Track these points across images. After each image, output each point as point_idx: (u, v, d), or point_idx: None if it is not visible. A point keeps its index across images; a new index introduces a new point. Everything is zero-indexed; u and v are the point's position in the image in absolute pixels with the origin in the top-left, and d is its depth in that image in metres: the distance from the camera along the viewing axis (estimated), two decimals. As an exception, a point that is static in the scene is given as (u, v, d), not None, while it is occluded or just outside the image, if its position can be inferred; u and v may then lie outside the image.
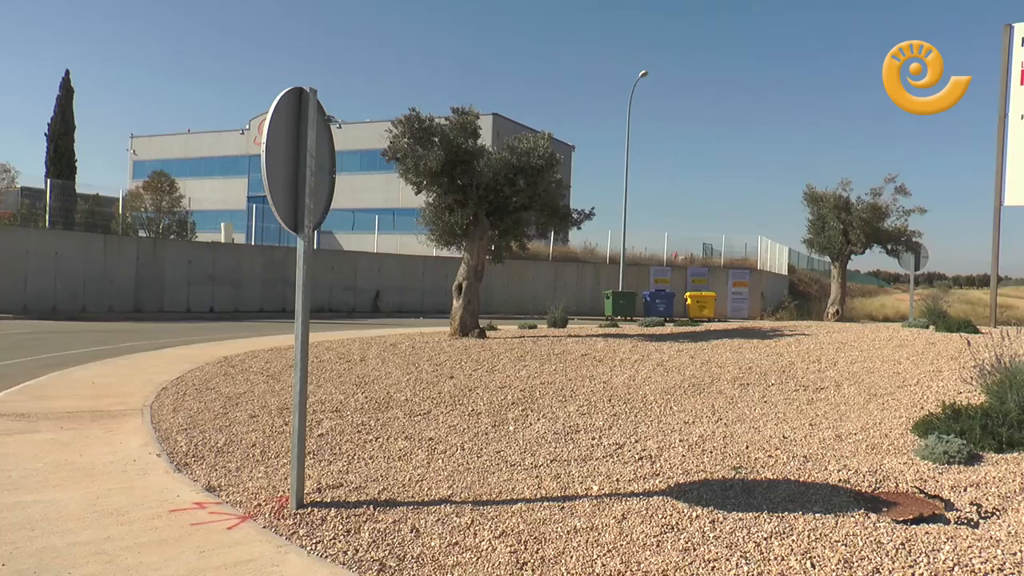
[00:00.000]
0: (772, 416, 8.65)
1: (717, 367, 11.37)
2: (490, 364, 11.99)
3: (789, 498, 5.65)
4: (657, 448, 7.24)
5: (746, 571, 4.32)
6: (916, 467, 6.60)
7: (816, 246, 25.61)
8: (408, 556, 4.56)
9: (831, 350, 12.60)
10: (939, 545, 4.73)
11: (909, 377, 10.55)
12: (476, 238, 15.95)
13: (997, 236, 18.58)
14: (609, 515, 5.26)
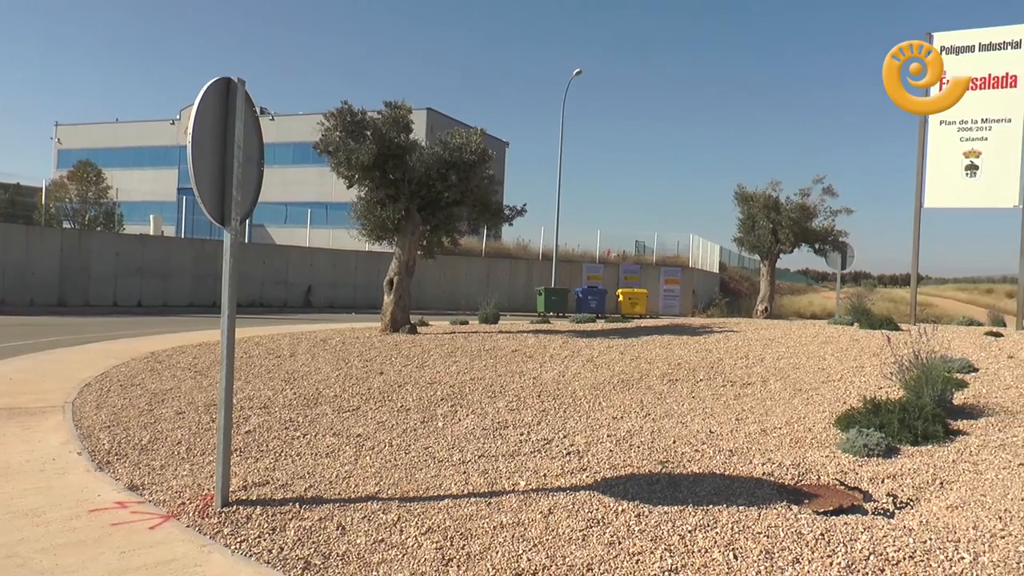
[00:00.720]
0: (700, 411, 8.83)
1: (647, 363, 11.54)
2: (420, 360, 11.97)
3: (714, 491, 5.78)
4: (585, 443, 7.33)
5: (670, 564, 4.40)
6: (837, 460, 6.82)
7: (746, 245, 26.13)
8: (334, 554, 4.54)
9: (759, 347, 12.90)
10: (856, 535, 4.90)
11: (833, 373, 10.86)
12: (408, 233, 15.90)
13: (917, 237, 19.26)
14: (536, 510, 5.31)
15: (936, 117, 18.60)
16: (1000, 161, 18.07)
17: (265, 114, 53.75)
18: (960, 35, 18.61)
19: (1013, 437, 7.65)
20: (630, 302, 31.74)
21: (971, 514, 5.42)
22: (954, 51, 18.48)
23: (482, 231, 21.90)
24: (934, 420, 7.71)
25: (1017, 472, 6.53)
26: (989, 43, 18.30)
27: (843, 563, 4.46)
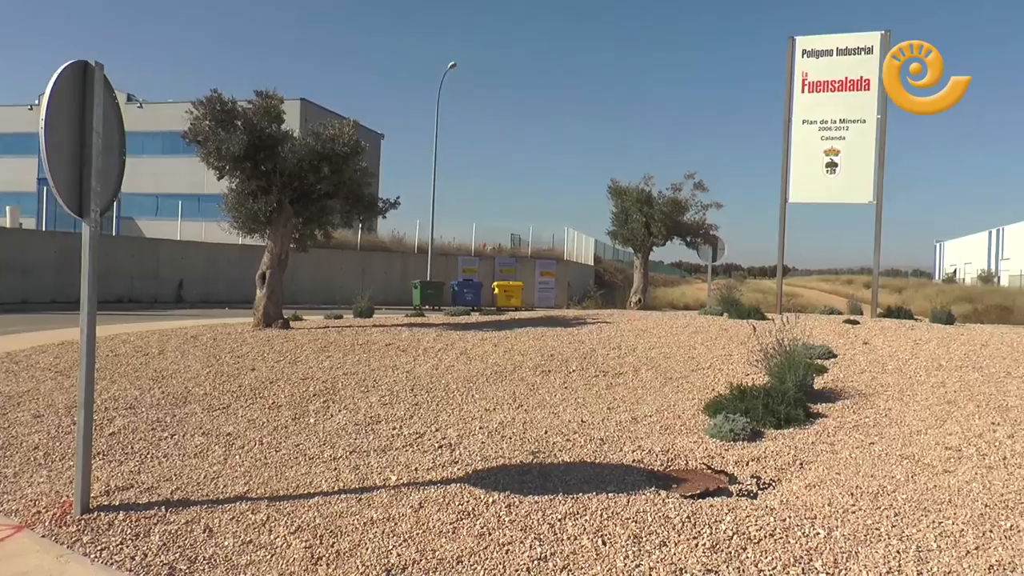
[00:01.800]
0: (572, 401, 8.96)
1: (520, 355, 11.64)
2: (293, 355, 11.73)
3: (585, 480, 5.88)
4: (457, 436, 7.33)
5: (539, 552, 4.45)
6: (705, 445, 7.05)
7: (620, 238, 26.64)
8: (200, 558, 4.40)
9: (631, 337, 13.20)
10: (721, 516, 5.08)
11: (703, 361, 11.22)
12: (280, 226, 15.54)
13: (783, 230, 20.19)
14: (406, 505, 5.28)
15: (799, 117, 19.50)
16: (857, 159, 19.08)
17: (132, 101, 51.48)
18: (819, 40, 19.58)
19: (865, 418, 8.11)
20: (505, 295, 31.95)
21: (827, 492, 5.71)
22: (814, 55, 19.43)
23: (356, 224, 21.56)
24: (796, 404, 8.10)
25: (868, 451, 6.92)
26: (845, 48, 19.30)
27: (708, 544, 4.61)
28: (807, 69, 19.43)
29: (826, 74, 19.29)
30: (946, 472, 6.31)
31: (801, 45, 19.51)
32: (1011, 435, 7.47)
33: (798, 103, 19.46)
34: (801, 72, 19.48)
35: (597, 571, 4.23)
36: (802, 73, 19.48)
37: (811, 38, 19.59)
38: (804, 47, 19.48)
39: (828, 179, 19.31)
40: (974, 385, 9.66)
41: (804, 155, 19.46)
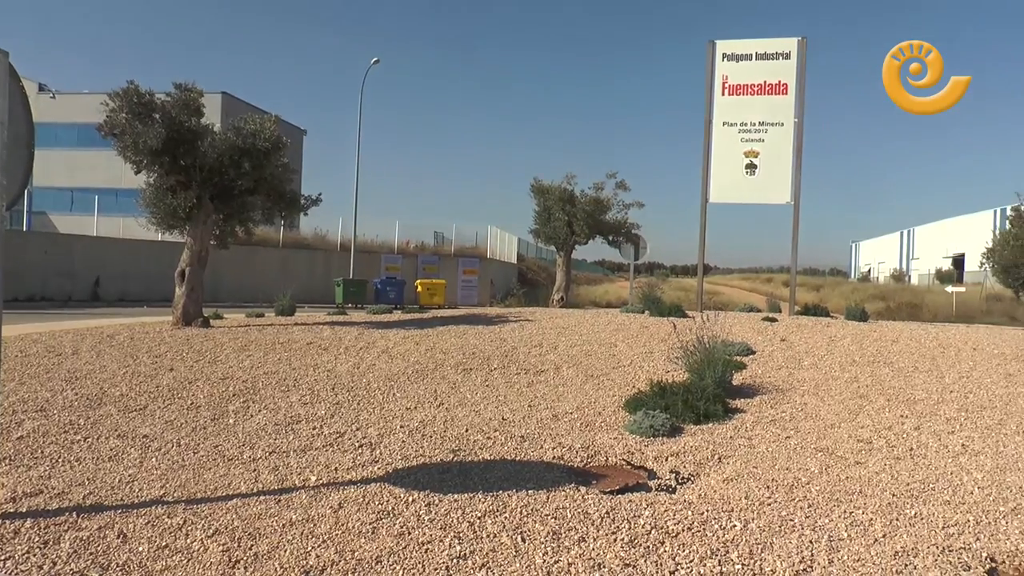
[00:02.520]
0: (493, 399, 8.98)
1: (442, 353, 11.61)
2: (213, 354, 11.48)
3: (505, 477, 5.89)
4: (378, 435, 7.28)
5: (459, 551, 4.45)
6: (625, 441, 7.14)
7: (542, 236, 26.77)
8: (113, 564, 4.26)
9: (553, 335, 13.28)
10: (640, 511, 5.15)
11: (624, 359, 11.35)
12: (200, 222, 15.18)
13: (704, 229, 20.57)
14: (326, 505, 5.22)
15: (719, 119, 19.89)
16: (775, 161, 19.56)
17: (45, 91, 49.66)
18: (739, 44, 20.00)
19: (782, 413, 8.33)
20: (428, 293, 31.86)
21: (744, 485, 5.84)
22: (735, 58, 19.85)
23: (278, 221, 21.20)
24: (715, 400, 8.27)
25: (784, 444, 7.11)
26: (764, 53, 19.77)
27: (626, 539, 4.67)
28: (727, 72, 19.85)
29: (746, 78, 19.73)
30: (857, 464, 6.52)
31: (721, 49, 19.92)
32: (917, 427, 7.77)
33: (719, 105, 19.86)
34: (721, 75, 19.88)
35: (516, 568, 4.25)
36: (722, 76, 19.88)
37: (731, 42, 20.00)
38: (724, 51, 19.90)
39: (748, 180, 19.74)
40: (885, 380, 10.01)
41: (724, 156, 19.85)
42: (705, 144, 20.02)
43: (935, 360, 11.38)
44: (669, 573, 4.25)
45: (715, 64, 19.88)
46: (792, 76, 19.39)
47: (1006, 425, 7.94)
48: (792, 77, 19.39)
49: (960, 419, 8.15)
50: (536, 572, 4.21)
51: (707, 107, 19.98)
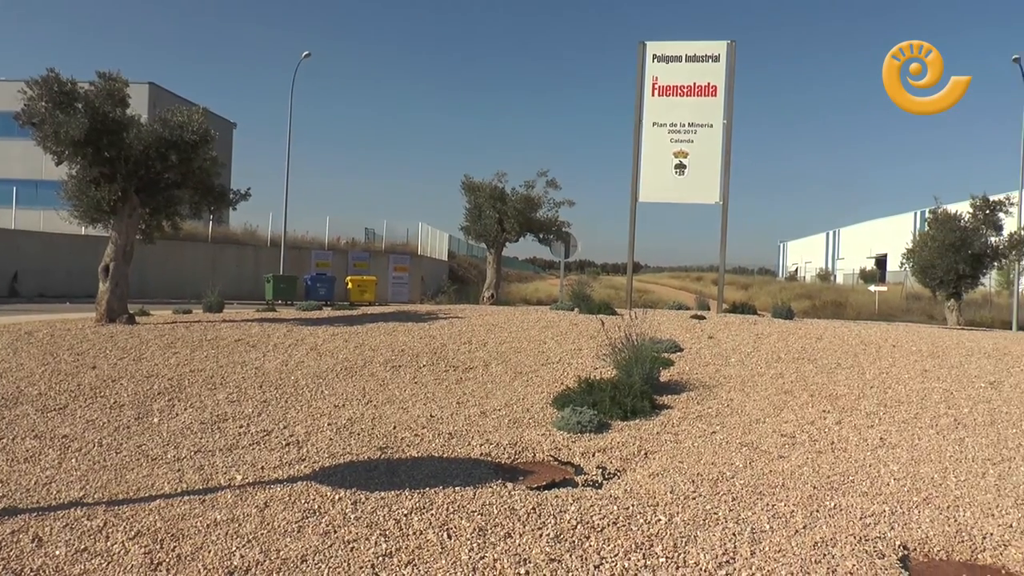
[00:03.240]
0: (422, 396, 8.94)
1: (371, 350, 11.51)
2: (138, 352, 11.17)
3: (432, 474, 5.88)
4: (305, 433, 7.20)
5: (384, 548, 4.42)
6: (553, 437, 7.18)
7: (473, 233, 26.71)
8: (27, 570, 4.13)
9: (482, 332, 13.27)
10: (566, 507, 5.18)
11: (553, 356, 11.41)
12: (125, 216, 14.75)
13: (633, 228, 20.82)
14: (251, 504, 5.15)
15: (649, 119, 20.14)
16: (705, 162, 19.90)
17: (-46, 76, 47.71)
18: (670, 46, 20.29)
19: (708, 409, 8.47)
20: (359, 289, 31.59)
21: (670, 480, 5.93)
22: (664, 60, 20.13)
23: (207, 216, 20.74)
24: (642, 396, 8.36)
25: (710, 439, 7.24)
26: (694, 55, 20.09)
27: (552, 534, 4.70)
28: (657, 73, 20.11)
29: (675, 79, 20.01)
30: (781, 458, 6.68)
31: (652, 50, 20.16)
32: (839, 422, 7.99)
33: (649, 106, 20.10)
34: (652, 76, 20.13)
35: (442, 565, 4.25)
36: (653, 77, 20.13)
37: (661, 44, 20.25)
38: (655, 52, 20.14)
39: (677, 180, 20.02)
40: (809, 376, 10.25)
41: (654, 156, 20.10)
42: (635, 144, 20.25)
43: (857, 357, 11.70)
44: (594, 567, 4.29)
45: (645, 65, 20.12)
46: (721, 78, 19.74)
47: (921, 419, 8.22)
48: (721, 79, 19.74)
49: (879, 413, 8.41)
50: (462, 568, 4.21)
51: (637, 107, 20.21)
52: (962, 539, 4.96)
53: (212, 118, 15.61)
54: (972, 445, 7.27)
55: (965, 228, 22.54)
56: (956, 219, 22.89)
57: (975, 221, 22.65)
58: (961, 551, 4.83)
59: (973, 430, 7.84)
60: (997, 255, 22.91)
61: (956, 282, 22.48)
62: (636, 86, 20.22)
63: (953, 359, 11.83)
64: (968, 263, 22.30)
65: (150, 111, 30.50)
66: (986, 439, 7.51)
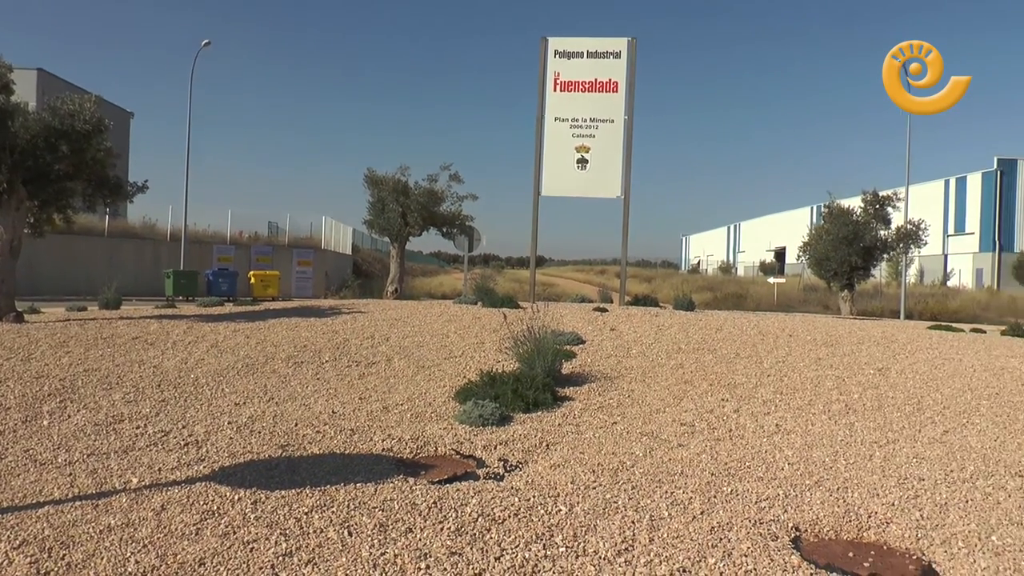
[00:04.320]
0: (324, 392, 8.81)
1: (273, 346, 11.28)
2: (26, 352, 10.65)
3: (333, 471, 5.80)
4: (205, 432, 7.01)
5: (284, 548, 4.35)
6: (455, 431, 7.17)
7: (376, 227, 26.44)
8: None
9: (385, 326, 13.15)
10: (467, 500, 5.19)
11: (455, 349, 11.39)
12: (12, 209, 14.02)
13: (536, 222, 20.90)
14: (147, 508, 4.98)
15: (551, 114, 20.23)
16: (606, 156, 20.10)
17: None
18: (571, 41, 20.40)
19: (609, 400, 8.58)
20: (262, 284, 30.96)
21: (570, 470, 6.00)
22: (566, 56, 20.23)
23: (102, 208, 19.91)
24: (544, 389, 8.41)
25: (611, 430, 7.34)
26: (595, 52, 20.24)
27: (453, 527, 4.70)
28: (559, 69, 20.20)
29: (577, 75, 20.14)
30: (680, 446, 6.82)
31: (554, 46, 20.24)
32: (737, 410, 8.20)
33: (551, 101, 20.18)
34: (553, 71, 20.20)
35: (342, 562, 4.20)
36: (554, 72, 20.21)
37: (563, 40, 20.35)
38: (556, 48, 20.22)
39: (579, 174, 20.17)
40: (708, 366, 10.49)
41: (556, 151, 20.20)
42: (537, 138, 20.31)
43: (755, 347, 12.03)
44: (494, 559, 4.31)
45: (547, 60, 20.18)
46: (622, 75, 19.94)
47: (815, 405, 8.51)
48: (622, 76, 19.94)
49: (775, 401, 8.66)
50: (363, 565, 4.17)
51: (540, 102, 20.26)
52: (849, 519, 5.17)
53: (106, 107, 15.01)
54: (861, 429, 7.57)
55: (857, 222, 23.48)
56: (849, 213, 23.84)
57: (866, 215, 23.62)
58: (848, 530, 5.03)
59: (862, 415, 8.17)
60: (886, 248, 23.95)
61: (849, 274, 23.41)
62: (538, 81, 20.28)
63: (845, 347, 12.29)
64: (860, 255, 23.24)
65: (39, 99, 29.11)
66: (873, 423, 7.83)
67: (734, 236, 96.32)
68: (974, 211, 53.41)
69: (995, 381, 10.12)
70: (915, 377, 10.20)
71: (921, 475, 6.16)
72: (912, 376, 10.25)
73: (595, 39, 20.34)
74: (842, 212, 24.03)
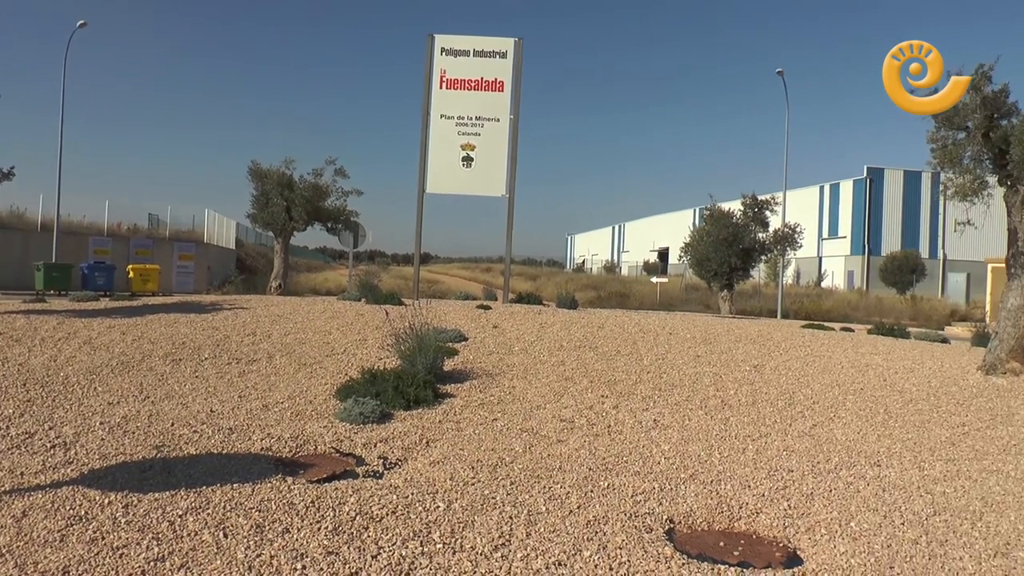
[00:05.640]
0: (203, 391, 8.52)
1: (150, 343, 10.83)
2: None
3: (210, 472, 5.62)
4: (74, 434, 6.66)
5: (156, 553, 4.19)
6: (335, 429, 7.07)
7: (260, 221, 25.84)
8: None
9: (267, 323, 12.83)
10: (346, 498, 5.12)
11: (338, 346, 11.21)
12: None
13: (420, 219, 20.76)
14: (7, 515, 4.69)
15: (437, 111, 20.12)
16: (491, 155, 20.13)
17: None
18: (457, 40, 20.35)
19: (490, 396, 8.62)
20: (141, 279, 29.69)
21: (450, 467, 6.00)
22: (452, 53, 20.16)
23: (-40, 197, 18.83)
24: (425, 386, 8.37)
25: (492, 426, 7.38)
26: (482, 51, 20.25)
27: (331, 527, 4.63)
28: (445, 66, 20.11)
29: (463, 73, 20.09)
30: (559, 442, 6.91)
31: (440, 43, 20.14)
32: (616, 406, 8.36)
33: (436, 98, 20.08)
34: (440, 69, 20.10)
35: (217, 565, 4.08)
36: (441, 70, 20.11)
37: (450, 37, 20.27)
38: (443, 45, 20.13)
39: (464, 172, 20.15)
40: (590, 363, 10.65)
41: (442, 148, 20.12)
42: (423, 135, 20.20)
43: (635, 344, 12.28)
44: (371, 558, 4.27)
45: (434, 57, 20.06)
46: (508, 74, 20.02)
47: (692, 401, 8.77)
48: (508, 75, 20.02)
49: (654, 397, 8.88)
50: (238, 568, 4.06)
51: (425, 99, 20.14)
52: (722, 510, 5.35)
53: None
54: (735, 423, 7.85)
55: (737, 225, 24.31)
56: (729, 216, 24.66)
57: (745, 218, 24.48)
58: (720, 521, 5.22)
59: (737, 410, 8.47)
60: (764, 249, 24.89)
61: (729, 274, 24.22)
62: (425, 77, 20.16)
63: (723, 345, 12.69)
64: (739, 256, 24.09)
65: None
66: (747, 418, 8.14)
67: (619, 236, 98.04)
68: (846, 216, 55.98)
69: (860, 377, 10.68)
70: (788, 374, 10.65)
71: (790, 467, 6.45)
72: (785, 373, 10.70)
73: (482, 38, 20.34)
74: (723, 215, 24.84)
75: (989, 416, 8.80)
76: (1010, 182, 11.35)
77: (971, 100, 11.19)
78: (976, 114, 11.14)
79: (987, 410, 9.10)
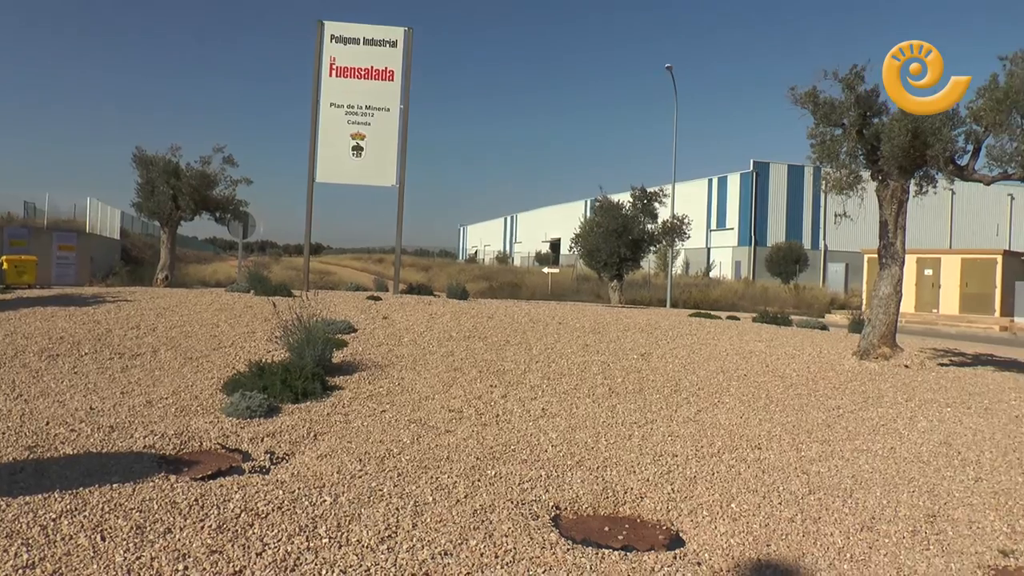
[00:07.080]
0: (82, 387, 8.08)
1: (24, 338, 10.19)
2: None
3: (88, 472, 5.35)
4: (-62, 436, 6.24)
5: (27, 559, 3.94)
6: (221, 425, 6.84)
7: (146, 210, 24.76)
8: None
9: (152, 316, 12.29)
10: (231, 495, 4.96)
11: (225, 339, 10.86)
12: None
13: (310, 209, 20.36)
14: None
15: (327, 100, 19.64)
16: (381, 145, 19.81)
17: None
18: (347, 27, 19.89)
19: (380, 388, 8.51)
20: (17, 271, 28.02)
21: (337, 460, 5.89)
22: (342, 41, 19.69)
23: None
24: (314, 379, 8.20)
25: (380, 418, 7.28)
26: (372, 39, 19.87)
27: (215, 525, 4.48)
28: (335, 54, 19.66)
29: (353, 61, 19.69)
30: (448, 432, 6.87)
31: (330, 30, 19.67)
32: (504, 395, 8.37)
33: (326, 86, 19.62)
34: (329, 56, 19.63)
35: (93, 570, 3.87)
36: (330, 57, 19.64)
37: (339, 24, 19.83)
38: (333, 32, 19.66)
39: (355, 162, 19.79)
40: (479, 353, 10.62)
41: (332, 137, 19.70)
42: (313, 123, 19.74)
43: (525, 334, 12.32)
44: (256, 555, 4.15)
45: (324, 44, 19.58)
46: (399, 64, 19.71)
47: (580, 389, 8.85)
48: (399, 65, 19.71)
49: (543, 386, 8.92)
50: (116, 571, 3.88)
51: (315, 86, 19.65)
52: (607, 495, 5.42)
53: None
54: (622, 411, 7.96)
55: (626, 216, 24.68)
56: (619, 207, 25.00)
57: (635, 210, 24.88)
58: (606, 506, 5.28)
59: (624, 397, 8.59)
60: (653, 240, 25.35)
61: (619, 264, 24.58)
62: (314, 65, 19.67)
63: (612, 334, 12.87)
64: (629, 247, 24.47)
65: None
66: (634, 405, 8.27)
67: (511, 227, 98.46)
68: (734, 208, 57.69)
69: (744, 363, 11.01)
70: (674, 361, 10.89)
71: (675, 452, 6.59)
72: (672, 360, 10.93)
73: (372, 26, 19.98)
74: (612, 206, 25.19)
75: (861, 399, 9.23)
76: (881, 177, 11.91)
77: (846, 98, 11.65)
78: (851, 112, 11.60)
79: (860, 393, 9.54)
